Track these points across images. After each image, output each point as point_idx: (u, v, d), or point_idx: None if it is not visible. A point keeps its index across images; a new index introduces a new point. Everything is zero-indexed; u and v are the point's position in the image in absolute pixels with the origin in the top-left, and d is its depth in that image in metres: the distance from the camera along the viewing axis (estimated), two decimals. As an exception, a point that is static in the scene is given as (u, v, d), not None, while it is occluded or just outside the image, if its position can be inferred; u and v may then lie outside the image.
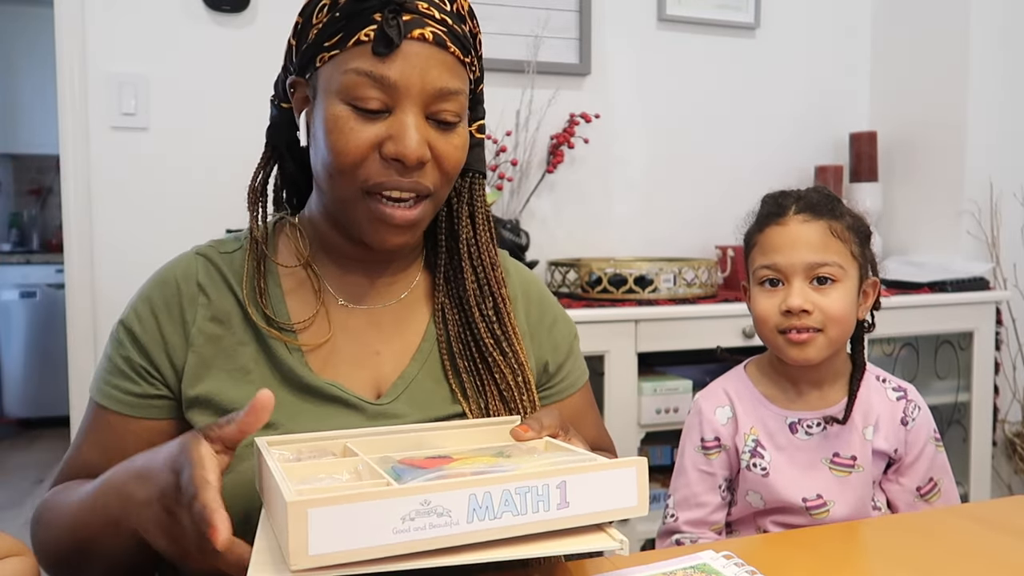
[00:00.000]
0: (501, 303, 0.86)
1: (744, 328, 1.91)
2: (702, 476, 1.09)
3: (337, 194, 0.79)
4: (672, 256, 2.27)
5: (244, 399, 0.76)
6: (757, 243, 1.08)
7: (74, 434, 0.85)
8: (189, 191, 1.92)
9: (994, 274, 2.26)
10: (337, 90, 0.75)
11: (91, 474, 0.80)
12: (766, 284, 1.05)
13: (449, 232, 0.89)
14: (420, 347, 0.86)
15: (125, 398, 0.81)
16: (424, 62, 0.75)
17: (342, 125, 0.75)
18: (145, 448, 0.79)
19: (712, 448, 1.08)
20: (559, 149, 2.15)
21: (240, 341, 0.82)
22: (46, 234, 4.66)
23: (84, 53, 1.85)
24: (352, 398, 0.81)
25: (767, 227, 1.06)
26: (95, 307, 1.88)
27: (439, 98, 0.76)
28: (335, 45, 0.76)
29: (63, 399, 1.91)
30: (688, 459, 1.10)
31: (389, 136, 0.75)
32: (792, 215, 1.05)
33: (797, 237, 1.03)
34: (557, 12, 2.18)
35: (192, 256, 0.86)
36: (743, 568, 0.68)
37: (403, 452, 0.66)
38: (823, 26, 2.49)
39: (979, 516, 0.85)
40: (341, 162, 0.75)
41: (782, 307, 1.02)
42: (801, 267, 1.01)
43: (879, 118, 2.49)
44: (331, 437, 0.72)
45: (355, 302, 0.87)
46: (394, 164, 0.75)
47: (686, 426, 1.13)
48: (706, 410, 1.10)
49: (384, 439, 0.71)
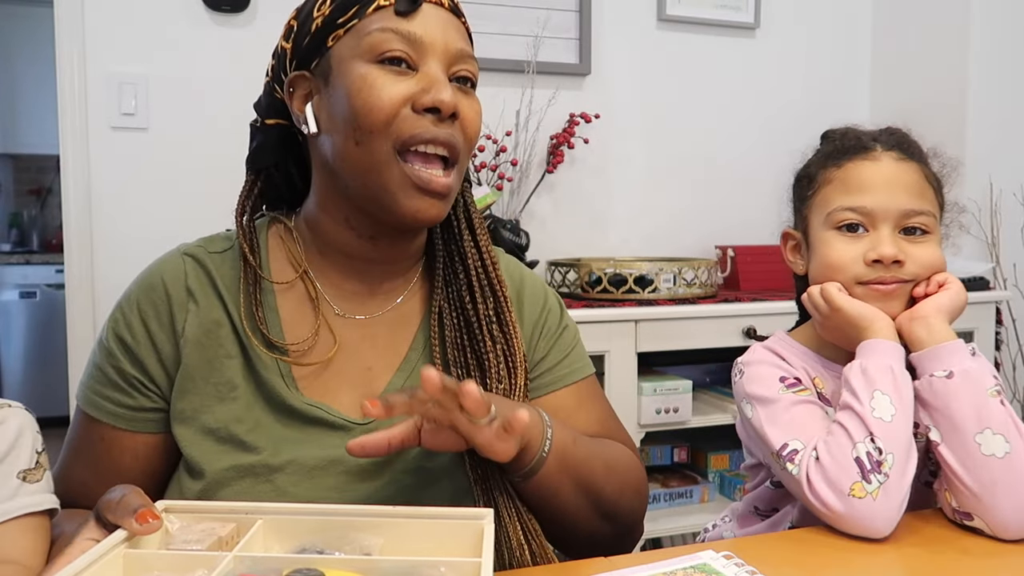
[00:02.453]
0: (503, 302, 0.84)
1: (744, 328, 1.91)
2: (806, 408, 0.87)
3: (368, 160, 0.75)
4: (672, 256, 2.27)
5: (230, 418, 0.76)
6: (833, 180, 0.92)
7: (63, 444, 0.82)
8: (189, 191, 1.92)
9: (994, 274, 2.26)
10: (362, 52, 0.75)
11: (82, 493, 0.78)
12: (844, 228, 0.90)
13: (447, 236, 0.87)
14: (407, 357, 0.84)
15: (118, 411, 0.79)
16: (444, 24, 0.78)
17: (372, 81, 0.74)
18: (139, 463, 0.79)
19: (796, 385, 0.90)
20: (559, 149, 2.15)
21: (227, 353, 0.78)
22: (46, 234, 4.65)
23: (84, 53, 1.85)
24: (339, 420, 0.78)
25: (848, 161, 0.91)
26: (95, 307, 1.88)
27: (459, 58, 0.78)
28: (352, 17, 0.76)
29: (63, 399, 1.91)
30: (782, 404, 0.87)
31: (422, 89, 0.75)
32: (882, 151, 0.90)
33: (892, 177, 0.88)
34: (557, 12, 2.18)
35: (179, 257, 0.82)
36: (743, 568, 0.67)
37: (315, 539, 0.61)
38: (823, 26, 2.49)
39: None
40: (374, 119, 0.74)
41: (869, 255, 0.88)
42: (895, 213, 0.88)
43: (879, 118, 2.48)
44: (249, 510, 0.63)
45: (351, 311, 0.84)
46: (428, 115, 0.75)
47: (747, 384, 0.91)
48: (766, 359, 0.93)
49: (303, 521, 0.62)
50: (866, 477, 0.77)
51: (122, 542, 0.58)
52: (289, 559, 0.56)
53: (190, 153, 1.93)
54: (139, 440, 0.79)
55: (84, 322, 1.87)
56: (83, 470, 0.80)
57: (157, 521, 0.59)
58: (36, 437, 0.73)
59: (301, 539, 0.62)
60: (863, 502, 0.76)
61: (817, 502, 0.79)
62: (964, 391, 0.80)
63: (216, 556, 0.56)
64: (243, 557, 0.56)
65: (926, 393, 0.82)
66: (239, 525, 0.62)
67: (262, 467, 0.75)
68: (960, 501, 0.79)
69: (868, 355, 0.84)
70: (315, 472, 0.76)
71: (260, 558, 0.56)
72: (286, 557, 0.57)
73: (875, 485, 0.76)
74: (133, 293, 0.81)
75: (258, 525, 0.61)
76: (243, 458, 0.75)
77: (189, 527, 0.61)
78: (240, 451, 0.75)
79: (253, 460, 0.75)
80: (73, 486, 0.80)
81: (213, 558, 0.56)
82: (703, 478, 2.16)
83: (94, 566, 0.54)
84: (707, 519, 2.01)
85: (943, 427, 0.80)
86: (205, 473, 0.74)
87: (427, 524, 0.63)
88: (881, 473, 0.77)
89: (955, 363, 0.82)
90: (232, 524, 0.62)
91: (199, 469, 0.75)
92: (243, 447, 0.75)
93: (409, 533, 0.63)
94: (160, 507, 0.61)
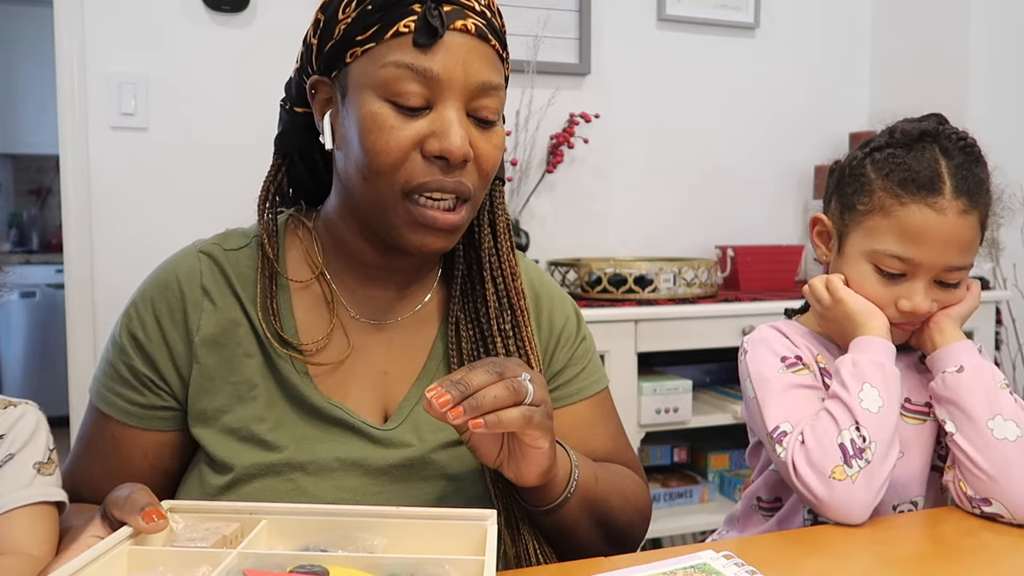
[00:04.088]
0: (520, 315, 0.81)
1: (743, 328, 1.91)
2: (804, 392, 0.88)
3: (374, 197, 0.73)
4: (672, 256, 2.27)
5: (251, 417, 0.76)
6: (890, 215, 0.86)
7: (74, 436, 0.83)
8: (189, 191, 1.92)
9: (994, 274, 2.26)
10: (375, 85, 0.71)
11: (91, 488, 0.79)
12: (882, 271, 0.87)
13: (469, 243, 0.84)
14: (426, 366, 0.82)
15: (130, 408, 0.78)
16: (467, 54, 0.71)
17: (381, 123, 0.70)
18: (149, 460, 0.79)
19: (796, 365, 0.91)
20: (559, 149, 2.15)
21: (246, 352, 0.78)
22: (46, 234, 4.65)
23: (84, 53, 1.85)
24: (358, 422, 0.77)
25: (913, 202, 0.85)
26: (95, 307, 1.88)
27: (481, 93, 0.72)
28: (370, 38, 0.71)
29: (63, 399, 1.91)
30: (778, 384, 0.89)
31: (432, 133, 0.71)
32: (950, 197, 0.85)
33: (951, 235, 0.84)
34: (557, 12, 2.18)
35: (195, 255, 0.81)
36: (743, 568, 0.67)
37: (319, 538, 0.61)
38: (823, 26, 2.49)
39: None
40: (381, 162, 0.71)
41: (903, 304, 0.87)
42: (940, 268, 0.86)
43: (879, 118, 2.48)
44: (253, 510, 0.63)
45: (367, 316, 0.82)
46: (437, 163, 0.71)
47: (750, 363, 0.93)
48: (768, 337, 0.94)
49: (306, 521, 0.63)
50: (848, 461, 0.80)
51: (127, 539, 0.59)
52: (293, 556, 0.57)
53: (190, 153, 1.93)
54: (150, 438, 0.79)
55: (83, 322, 1.87)
56: (93, 465, 0.81)
57: (163, 520, 0.59)
58: (49, 435, 0.75)
59: (305, 539, 0.62)
60: (843, 484, 0.79)
61: (800, 484, 0.81)
62: (975, 382, 0.85)
63: (220, 553, 0.57)
64: (247, 554, 0.56)
65: (940, 389, 0.87)
66: (243, 525, 0.62)
67: (283, 465, 0.75)
68: (976, 487, 0.82)
69: (860, 351, 0.87)
70: (336, 473, 0.76)
71: (264, 555, 0.57)
72: (290, 554, 0.58)
73: (855, 469, 0.79)
74: (148, 290, 0.80)
75: (262, 525, 0.62)
76: (266, 456, 0.75)
77: (194, 526, 0.62)
78: (262, 449, 0.75)
79: (275, 458, 0.75)
80: (82, 481, 0.80)
81: (217, 555, 0.56)
82: (703, 478, 2.16)
83: (99, 561, 0.55)
84: (707, 519, 2.03)
85: (957, 418, 0.85)
86: (233, 468, 0.74)
87: (430, 525, 0.63)
88: (862, 459, 0.80)
89: (965, 359, 0.87)
90: (236, 524, 0.62)
91: (227, 464, 0.75)
92: (265, 446, 0.75)
93: (412, 534, 0.63)
94: (165, 507, 0.62)
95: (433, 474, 0.78)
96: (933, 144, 0.88)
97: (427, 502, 0.77)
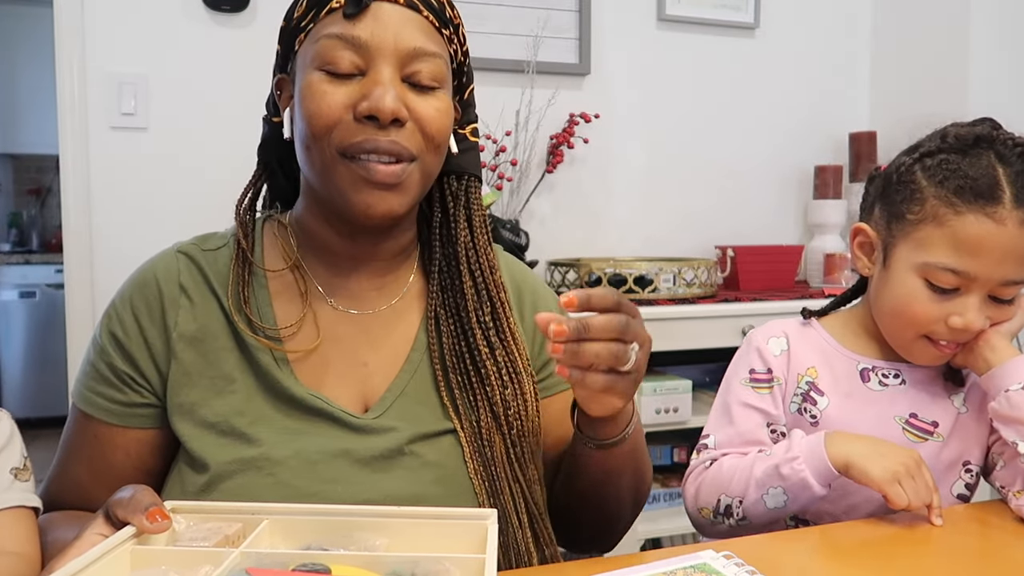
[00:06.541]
0: (500, 307, 0.83)
1: (743, 328, 1.91)
2: (749, 412, 0.91)
3: (317, 164, 0.76)
4: (672, 256, 2.27)
5: (228, 410, 0.76)
6: (944, 224, 0.80)
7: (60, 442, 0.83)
8: (188, 191, 1.92)
9: None
10: (312, 59, 0.75)
11: (77, 492, 0.80)
12: (933, 286, 0.82)
13: (446, 237, 0.86)
14: (409, 357, 0.83)
15: (111, 406, 0.79)
16: (396, 22, 0.75)
17: (315, 89, 0.74)
18: (131, 460, 0.80)
19: (762, 382, 0.92)
20: (559, 149, 2.15)
21: (223, 347, 0.79)
22: (45, 234, 4.65)
23: (84, 53, 1.85)
24: (337, 411, 0.78)
25: (969, 212, 0.79)
26: (94, 307, 1.88)
27: (413, 57, 0.75)
28: (309, 21, 0.76)
29: (62, 399, 1.91)
30: (733, 395, 0.92)
31: (362, 95, 0.74)
32: (1010, 207, 0.78)
33: (1010, 247, 0.78)
34: (557, 12, 2.18)
35: (173, 255, 0.83)
36: (743, 568, 0.67)
37: (320, 537, 0.62)
38: (823, 26, 2.49)
39: (980, 516, 0.84)
40: (316, 126, 0.74)
41: (955, 322, 0.81)
42: (996, 282, 0.80)
43: (879, 118, 2.49)
44: (255, 511, 0.63)
45: (345, 305, 0.83)
46: (370, 123, 0.73)
47: (733, 363, 0.96)
48: (758, 340, 0.94)
49: (308, 521, 0.63)
50: (717, 512, 0.88)
51: (130, 538, 0.59)
52: (295, 555, 0.57)
53: (189, 153, 1.93)
54: (130, 436, 0.79)
55: (83, 322, 1.87)
56: (78, 468, 0.81)
57: (167, 520, 0.60)
58: (22, 442, 0.76)
59: (306, 538, 0.62)
60: (703, 517, 0.89)
61: (683, 491, 0.92)
62: None
63: (222, 552, 0.57)
64: (249, 553, 0.57)
65: (1004, 408, 0.82)
66: (245, 525, 0.63)
67: (263, 460, 0.75)
68: None
69: (821, 454, 0.82)
70: (318, 465, 0.76)
71: (266, 554, 0.57)
72: (292, 553, 0.58)
73: (719, 520, 0.88)
74: (127, 290, 0.82)
75: (264, 524, 0.62)
76: (245, 451, 0.75)
77: (196, 526, 0.62)
78: (242, 444, 0.75)
79: (254, 453, 0.75)
80: (68, 485, 0.80)
81: (219, 554, 0.57)
82: (703, 478, 2.16)
83: (102, 560, 0.55)
84: (707, 519, 2.03)
85: None
86: (210, 466, 0.74)
87: (432, 524, 0.64)
88: (731, 518, 0.87)
89: None
90: (238, 524, 0.62)
91: (203, 462, 0.75)
92: (244, 440, 0.75)
93: (414, 533, 0.63)
94: (168, 507, 0.62)
95: (415, 465, 0.78)
96: (989, 150, 0.83)
97: (409, 493, 0.76)
